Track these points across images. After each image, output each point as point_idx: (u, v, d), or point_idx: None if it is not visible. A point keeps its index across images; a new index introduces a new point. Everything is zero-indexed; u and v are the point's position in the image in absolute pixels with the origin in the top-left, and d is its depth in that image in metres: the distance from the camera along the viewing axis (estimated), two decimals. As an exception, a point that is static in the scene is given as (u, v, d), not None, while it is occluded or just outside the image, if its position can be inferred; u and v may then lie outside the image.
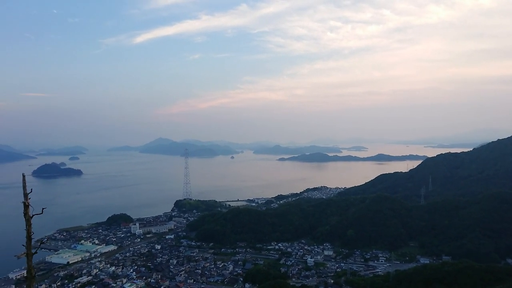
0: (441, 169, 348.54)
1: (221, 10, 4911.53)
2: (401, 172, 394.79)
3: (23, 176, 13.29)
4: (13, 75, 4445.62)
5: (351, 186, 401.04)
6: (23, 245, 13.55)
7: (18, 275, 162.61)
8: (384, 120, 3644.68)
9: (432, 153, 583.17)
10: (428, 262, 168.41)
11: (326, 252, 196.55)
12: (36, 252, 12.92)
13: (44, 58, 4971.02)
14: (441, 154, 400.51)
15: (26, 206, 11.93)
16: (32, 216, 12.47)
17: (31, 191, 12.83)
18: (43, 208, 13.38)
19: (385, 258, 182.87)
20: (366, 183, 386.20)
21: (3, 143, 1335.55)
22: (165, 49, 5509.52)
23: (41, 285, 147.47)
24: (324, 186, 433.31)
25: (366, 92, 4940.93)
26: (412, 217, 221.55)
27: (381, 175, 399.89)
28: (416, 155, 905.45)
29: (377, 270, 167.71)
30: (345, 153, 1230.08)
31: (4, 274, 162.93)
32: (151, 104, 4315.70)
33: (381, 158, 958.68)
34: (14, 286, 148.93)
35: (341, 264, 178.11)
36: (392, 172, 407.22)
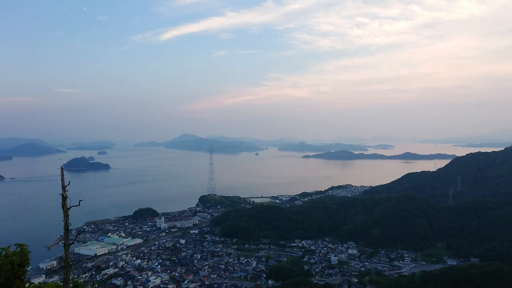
0: (470, 169, 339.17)
1: (246, 7, 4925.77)
2: (429, 171, 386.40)
3: (62, 169, 13.54)
4: (45, 71, 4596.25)
5: (377, 184, 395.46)
6: (60, 235, 13.79)
7: (48, 265, 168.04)
8: (412, 118, 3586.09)
9: (461, 152, 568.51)
10: (455, 263, 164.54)
11: (350, 251, 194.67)
12: (73, 243, 13.14)
13: (74, 55, 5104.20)
14: (471, 153, 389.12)
15: (64, 198, 12.15)
16: (70, 208, 12.68)
17: (69, 184, 13.04)
18: (80, 200, 13.63)
19: (410, 259, 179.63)
20: (392, 182, 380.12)
21: (36, 137, 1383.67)
22: (190, 46, 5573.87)
23: (69, 275, 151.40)
24: (349, 184, 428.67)
25: (393, 89, 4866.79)
26: (440, 217, 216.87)
27: (407, 174, 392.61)
28: (445, 154, 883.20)
29: (402, 270, 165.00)
30: (371, 151, 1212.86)
31: (35, 264, 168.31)
32: (177, 100, 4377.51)
33: (408, 156, 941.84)
34: (44, 275, 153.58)
35: (366, 263, 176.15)
36: (419, 171, 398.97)
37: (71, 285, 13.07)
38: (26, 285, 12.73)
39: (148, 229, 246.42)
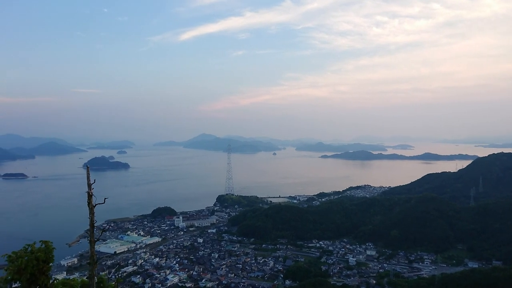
0: (493, 170, 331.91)
1: (265, 7, 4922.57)
2: (450, 172, 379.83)
3: (87, 168, 13.91)
4: (65, 71, 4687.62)
5: (396, 185, 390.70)
6: (86, 232, 14.25)
7: (69, 262, 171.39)
8: (432, 118, 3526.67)
9: (483, 152, 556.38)
10: (476, 266, 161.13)
11: (368, 252, 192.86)
12: (98, 240, 13.48)
13: (94, 56, 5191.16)
14: (493, 154, 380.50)
15: (89, 196, 12.46)
16: (95, 205, 13.00)
17: (94, 182, 13.36)
18: (105, 198, 13.93)
19: (430, 261, 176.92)
20: (411, 182, 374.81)
21: (57, 136, 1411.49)
22: (209, 46, 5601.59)
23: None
24: (367, 185, 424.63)
25: (413, 88, 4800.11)
26: (461, 219, 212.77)
27: (427, 174, 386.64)
28: (466, 154, 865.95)
29: (422, 272, 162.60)
30: (390, 151, 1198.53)
31: (56, 261, 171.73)
32: (195, 100, 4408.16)
33: (428, 157, 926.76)
34: (65, 272, 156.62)
35: (384, 264, 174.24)
36: (439, 172, 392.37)
37: (96, 280, 13.36)
38: (50, 281, 13.08)
39: (166, 228, 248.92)
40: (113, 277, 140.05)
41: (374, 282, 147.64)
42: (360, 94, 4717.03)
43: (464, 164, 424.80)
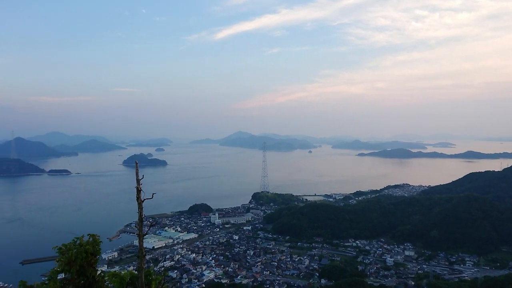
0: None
1: (300, 3, 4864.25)
2: (494, 171, 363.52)
3: (136, 164, 14.46)
4: (106, 71, 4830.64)
5: (436, 184, 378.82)
6: (135, 227, 14.85)
7: (110, 256, 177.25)
8: (475, 115, 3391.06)
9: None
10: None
11: (407, 252, 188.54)
12: (146, 233, 14.03)
13: (133, 56, 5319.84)
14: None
15: (138, 191, 13.00)
16: (144, 200, 13.54)
17: (143, 177, 13.89)
18: (153, 193, 14.45)
19: (472, 263, 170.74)
20: (453, 182, 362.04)
21: (98, 134, 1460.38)
22: (244, 44, 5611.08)
23: (129, 267, 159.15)
24: (406, 184, 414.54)
25: (454, 84, 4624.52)
26: (506, 220, 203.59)
27: (470, 173, 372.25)
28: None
29: (463, 274, 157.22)
30: (430, 149, 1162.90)
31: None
32: (231, 98, 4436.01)
33: (470, 155, 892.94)
34: (106, 265, 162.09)
35: (423, 265, 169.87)
36: (483, 171, 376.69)
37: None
38: (98, 273, 13.73)
39: (202, 224, 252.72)
40: (162, 270, 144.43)
41: (413, 283, 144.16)
42: (398, 91, 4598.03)
43: (509, 163, 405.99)
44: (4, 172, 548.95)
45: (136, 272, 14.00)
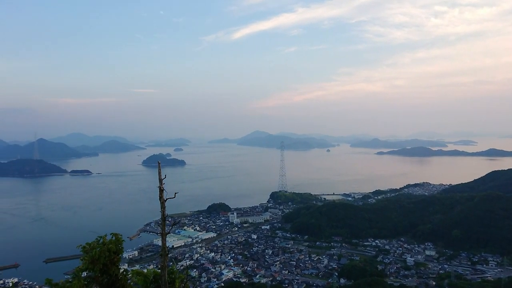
0: None
1: (317, 2, 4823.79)
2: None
3: (159, 163, 14.82)
4: (126, 73, 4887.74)
5: (457, 183, 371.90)
6: (158, 226, 15.17)
7: (130, 255, 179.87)
8: (497, 111, 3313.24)
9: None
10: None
11: (427, 252, 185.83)
12: (169, 232, 14.37)
13: (151, 57, 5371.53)
14: None
15: (161, 191, 13.34)
16: (166, 200, 13.87)
17: (165, 177, 14.21)
18: (175, 193, 14.75)
19: (496, 263, 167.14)
20: (474, 180, 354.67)
21: (118, 134, 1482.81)
22: (261, 44, 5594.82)
23: (149, 266, 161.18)
24: (426, 182, 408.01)
25: (475, 81, 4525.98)
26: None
27: (492, 172, 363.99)
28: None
29: (486, 275, 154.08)
30: (450, 147, 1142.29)
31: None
32: (248, 98, 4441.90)
33: (493, 153, 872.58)
34: (127, 264, 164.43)
35: (445, 265, 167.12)
36: (506, 169, 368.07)
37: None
38: (121, 271, 14.09)
39: (221, 224, 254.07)
40: (184, 268, 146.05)
41: (434, 283, 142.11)
42: (417, 88, 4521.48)
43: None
44: (27, 172, 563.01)
45: (159, 270, 14.33)
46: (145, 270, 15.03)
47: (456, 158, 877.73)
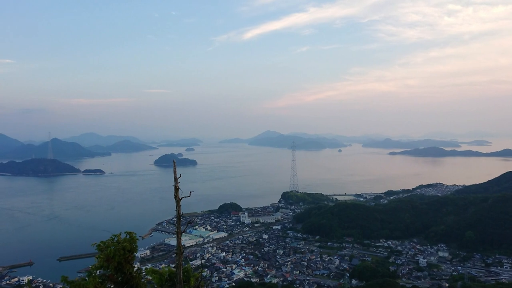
0: None
1: (329, 1, 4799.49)
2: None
3: (174, 163, 15.02)
4: (138, 73, 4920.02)
5: (471, 184, 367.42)
6: (172, 224, 15.34)
7: (142, 254, 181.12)
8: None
9: None
10: None
11: (440, 253, 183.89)
12: (184, 231, 14.55)
13: (163, 57, 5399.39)
14: None
15: (176, 189, 13.49)
16: (181, 198, 14.01)
17: (180, 176, 14.37)
18: (190, 192, 14.90)
19: (510, 265, 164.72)
20: (489, 181, 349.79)
21: (130, 134, 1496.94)
22: (273, 44, 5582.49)
23: (161, 264, 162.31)
24: (439, 183, 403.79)
25: (490, 80, 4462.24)
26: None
27: (507, 172, 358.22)
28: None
29: (501, 277, 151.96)
30: (464, 147, 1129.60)
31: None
32: (259, 98, 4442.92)
33: (508, 153, 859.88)
34: (139, 263, 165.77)
35: (458, 267, 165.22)
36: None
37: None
38: (135, 269, 14.28)
39: (232, 223, 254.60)
40: (199, 266, 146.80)
41: (447, 285, 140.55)
42: (430, 88, 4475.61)
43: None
44: (41, 172, 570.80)
45: (174, 268, 14.50)
46: (160, 269, 15.17)
47: (470, 158, 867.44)
